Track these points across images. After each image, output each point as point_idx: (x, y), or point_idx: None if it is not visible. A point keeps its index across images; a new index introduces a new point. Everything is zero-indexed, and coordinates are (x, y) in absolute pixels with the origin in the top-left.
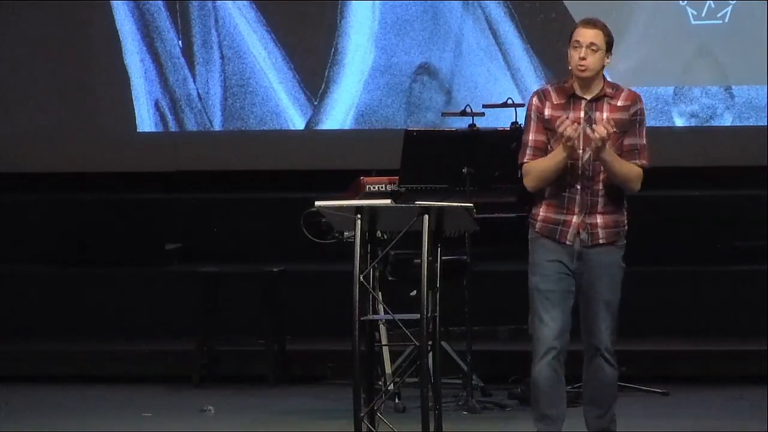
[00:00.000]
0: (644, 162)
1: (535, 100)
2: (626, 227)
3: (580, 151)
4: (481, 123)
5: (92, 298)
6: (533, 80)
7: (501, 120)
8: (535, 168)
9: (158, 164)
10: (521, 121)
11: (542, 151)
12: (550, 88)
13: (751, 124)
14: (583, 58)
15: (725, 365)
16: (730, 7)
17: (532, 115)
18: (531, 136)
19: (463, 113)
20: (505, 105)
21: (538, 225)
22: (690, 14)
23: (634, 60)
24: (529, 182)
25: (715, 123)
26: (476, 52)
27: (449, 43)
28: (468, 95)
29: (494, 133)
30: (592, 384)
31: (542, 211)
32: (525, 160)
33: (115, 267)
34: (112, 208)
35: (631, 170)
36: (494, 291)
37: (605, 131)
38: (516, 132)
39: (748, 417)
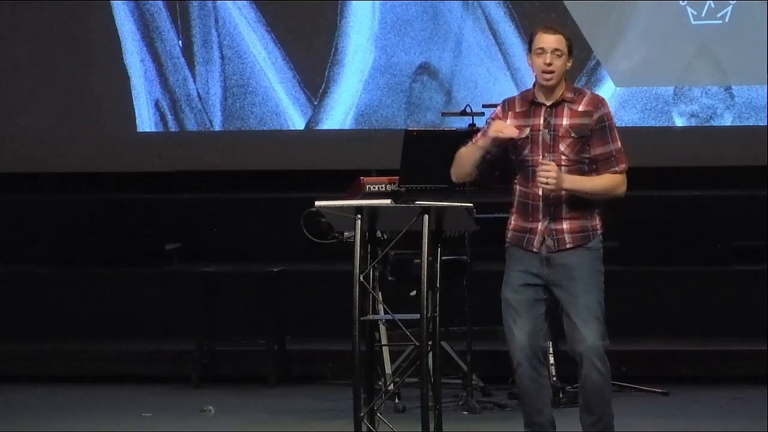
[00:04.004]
0: (623, 166)
1: (499, 109)
2: (598, 231)
3: (539, 158)
4: (481, 123)
5: (92, 298)
6: (533, 80)
7: None
8: (456, 157)
9: (158, 164)
10: None
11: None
12: (516, 98)
13: (751, 124)
14: (549, 64)
15: (725, 365)
16: (730, 7)
17: (490, 122)
18: (478, 136)
19: (463, 113)
20: None
21: (509, 234)
22: (690, 14)
23: (634, 60)
24: (452, 170)
25: (715, 123)
26: (476, 52)
27: (449, 43)
28: (468, 95)
29: None
30: (583, 390)
31: (513, 221)
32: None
33: (116, 267)
34: (112, 208)
35: (604, 183)
36: (494, 291)
37: (546, 182)
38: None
39: (748, 417)
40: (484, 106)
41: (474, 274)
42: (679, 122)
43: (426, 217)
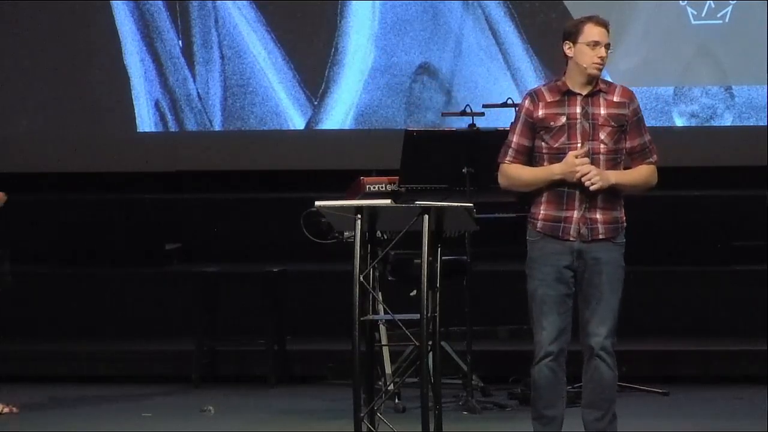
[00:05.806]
0: (656, 156)
1: (527, 102)
2: (625, 224)
3: (578, 145)
4: (481, 123)
5: (92, 298)
6: (533, 80)
7: (501, 120)
8: (519, 175)
9: (158, 164)
10: None
11: (524, 155)
12: (542, 88)
13: (751, 124)
14: (603, 58)
15: (725, 365)
16: (730, 7)
17: (521, 117)
18: (515, 138)
19: (463, 113)
20: (505, 105)
21: (539, 224)
22: (690, 14)
23: (634, 60)
24: (504, 182)
25: (715, 123)
26: (476, 52)
27: (449, 43)
28: (468, 95)
29: (494, 133)
30: (590, 386)
31: (542, 210)
32: (505, 161)
33: (115, 267)
34: (112, 208)
35: (642, 175)
36: (494, 291)
37: (592, 183)
38: None
39: (748, 417)
40: (484, 106)
41: (474, 274)
42: (679, 122)
43: (426, 217)
